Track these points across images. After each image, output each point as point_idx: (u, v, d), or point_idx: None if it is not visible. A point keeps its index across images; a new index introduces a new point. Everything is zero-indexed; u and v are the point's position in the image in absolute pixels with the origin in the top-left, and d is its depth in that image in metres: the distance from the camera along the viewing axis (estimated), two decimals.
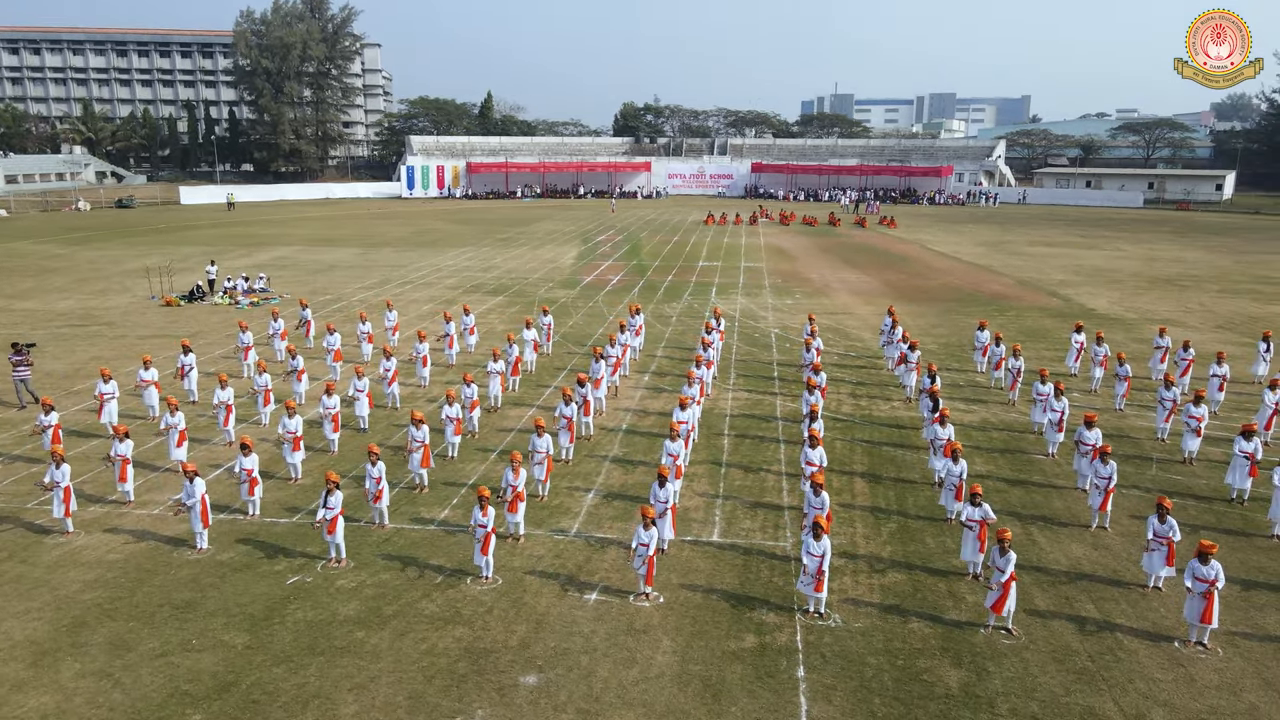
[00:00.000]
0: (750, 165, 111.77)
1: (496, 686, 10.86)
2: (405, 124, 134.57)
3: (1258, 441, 16.13)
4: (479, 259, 50.17)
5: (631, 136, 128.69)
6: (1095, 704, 10.50)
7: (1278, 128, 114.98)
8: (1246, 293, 40.13)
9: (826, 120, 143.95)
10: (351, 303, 36.17)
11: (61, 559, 14.04)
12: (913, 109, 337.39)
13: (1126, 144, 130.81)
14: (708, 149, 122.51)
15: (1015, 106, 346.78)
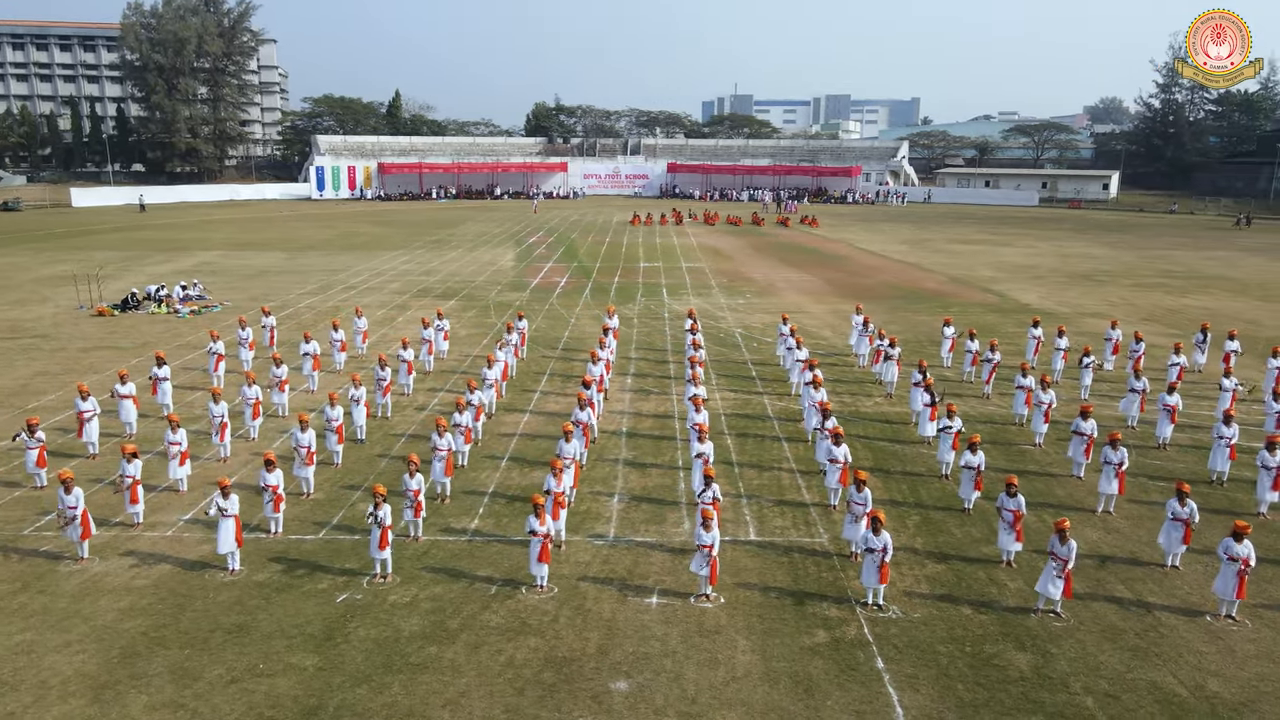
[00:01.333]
0: (666, 165, 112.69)
1: (590, 694, 10.88)
2: (309, 123, 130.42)
3: (1236, 427, 17.36)
4: (416, 262, 49.23)
5: (544, 137, 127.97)
6: (1156, 678, 11.21)
7: (1153, 131, 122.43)
8: (1157, 286, 42.81)
9: (736, 121, 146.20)
10: (299, 309, 35.07)
11: (85, 587, 13.32)
12: (810, 110, 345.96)
13: (1018, 145, 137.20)
14: (621, 149, 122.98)
15: (906, 108, 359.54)
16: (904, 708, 10.60)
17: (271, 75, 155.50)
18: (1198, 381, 24.54)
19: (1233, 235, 69.47)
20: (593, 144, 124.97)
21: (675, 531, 15.43)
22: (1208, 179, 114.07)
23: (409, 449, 19.38)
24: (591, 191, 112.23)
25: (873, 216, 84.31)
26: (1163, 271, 48.10)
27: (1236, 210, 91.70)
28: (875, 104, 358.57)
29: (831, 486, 16.33)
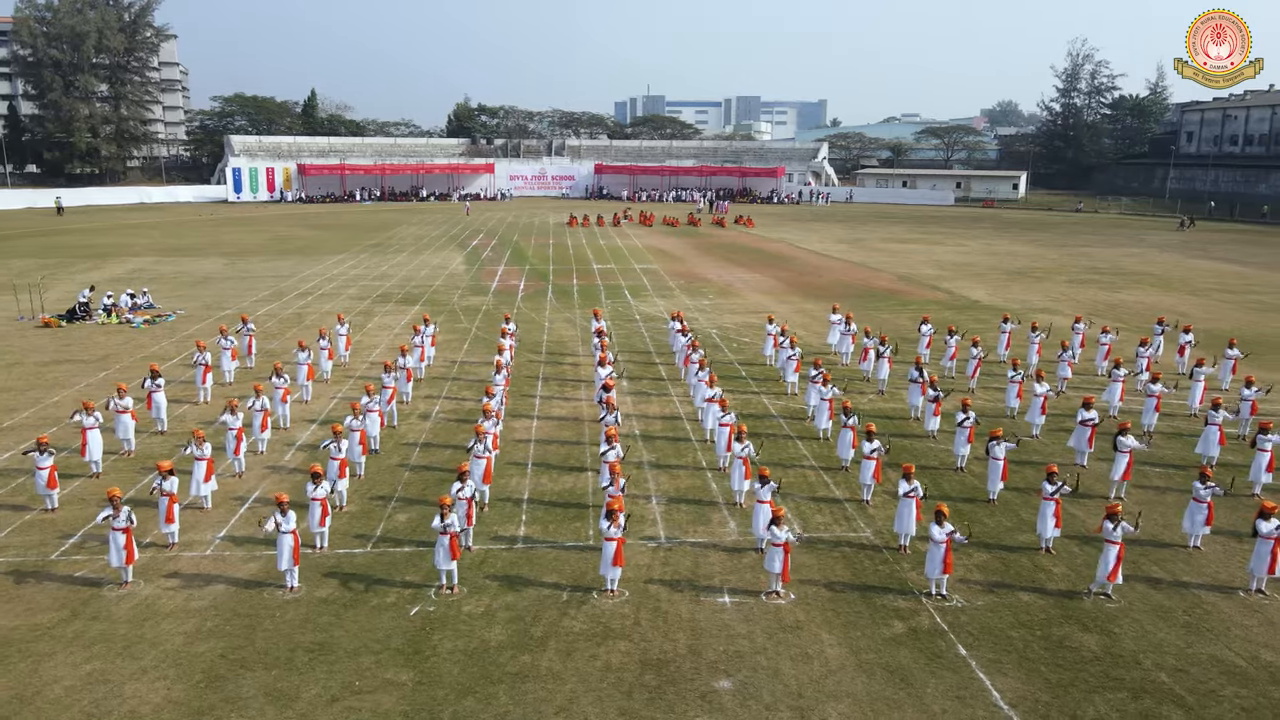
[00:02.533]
0: (593, 166, 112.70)
1: (697, 694, 11.07)
2: (220, 123, 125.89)
3: (1223, 413, 18.60)
4: (364, 267, 48.22)
5: (467, 138, 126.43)
6: (1215, 652, 12.02)
7: (1054, 134, 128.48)
8: (1090, 282, 45.11)
9: (659, 122, 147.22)
10: (259, 317, 34.00)
11: (140, 612, 12.81)
12: (721, 111, 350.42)
13: (929, 147, 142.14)
14: (545, 150, 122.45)
15: (814, 110, 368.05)
16: (999, 691, 11.11)
17: (173, 73, 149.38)
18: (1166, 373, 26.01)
19: (1141, 232, 73.48)
20: (516, 145, 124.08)
21: (723, 531, 15.70)
22: (1105, 179, 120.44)
23: (426, 457, 19.21)
24: (518, 193, 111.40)
25: (802, 216, 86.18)
26: (1089, 268, 50.65)
27: (1135, 209, 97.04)
28: (784, 105, 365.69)
29: (865, 482, 16.84)
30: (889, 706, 10.81)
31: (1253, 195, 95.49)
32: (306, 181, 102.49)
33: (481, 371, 26.24)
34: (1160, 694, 11.05)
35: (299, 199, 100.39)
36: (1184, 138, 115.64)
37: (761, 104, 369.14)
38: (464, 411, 22.38)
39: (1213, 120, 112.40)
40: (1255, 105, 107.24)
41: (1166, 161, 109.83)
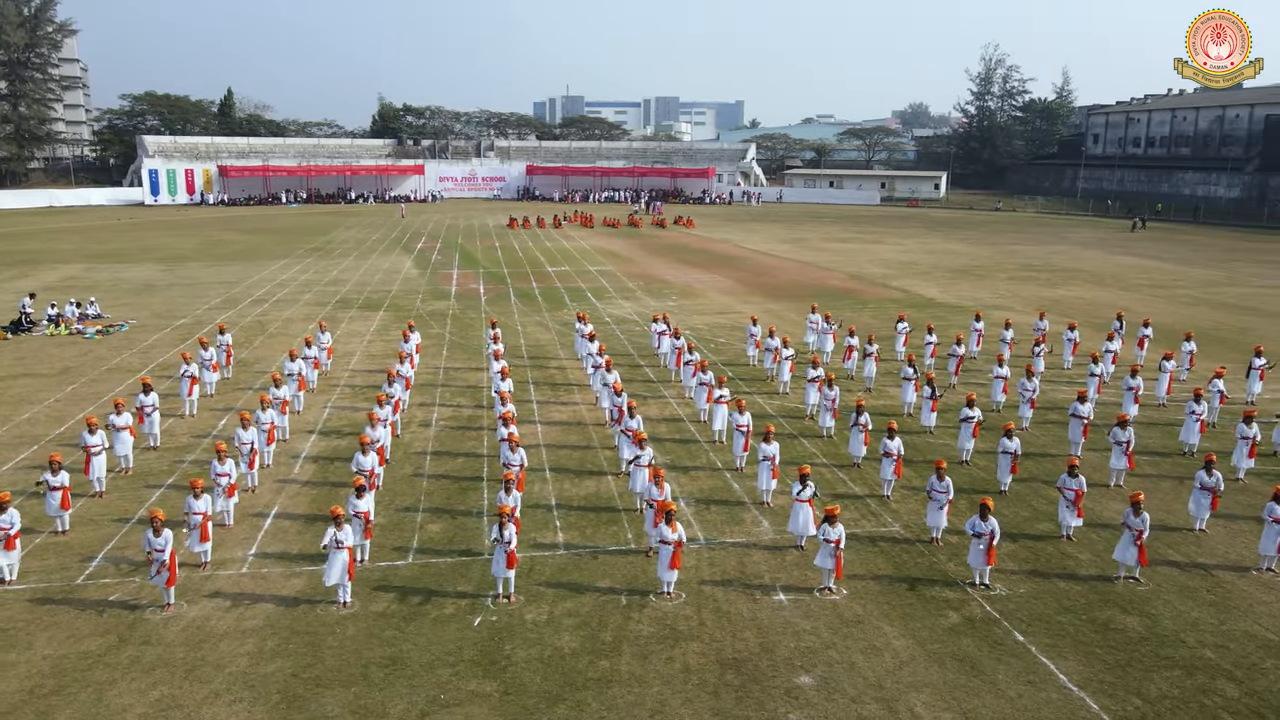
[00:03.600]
0: (525, 168, 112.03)
1: (782, 691, 11.31)
2: (130, 123, 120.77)
3: (1205, 404, 19.75)
4: (313, 272, 47.05)
5: (393, 138, 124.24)
6: (1246, 628, 12.83)
7: (970, 135, 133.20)
8: (1029, 279, 47.01)
9: (587, 123, 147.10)
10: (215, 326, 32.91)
11: (192, 634, 12.41)
12: (640, 111, 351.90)
13: (851, 147, 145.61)
14: (474, 151, 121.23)
15: (732, 110, 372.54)
16: (1064, 674, 11.66)
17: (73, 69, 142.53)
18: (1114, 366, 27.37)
19: (1062, 230, 76.77)
20: (445, 146, 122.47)
21: (759, 530, 15.99)
22: (1019, 179, 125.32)
23: (439, 466, 18.99)
24: (449, 194, 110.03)
25: (738, 217, 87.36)
26: (1024, 265, 52.75)
27: (1050, 207, 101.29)
28: (703, 106, 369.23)
29: (886, 478, 17.34)
30: (967, 694, 11.24)
31: (1156, 195, 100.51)
32: (228, 183, 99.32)
33: (470, 377, 26.02)
34: (1210, 670, 11.76)
35: (221, 201, 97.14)
36: (1090, 140, 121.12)
37: (680, 104, 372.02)
38: (464, 419, 22.18)
39: (1117, 123, 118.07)
40: (1156, 109, 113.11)
41: (1075, 162, 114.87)
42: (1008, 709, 10.93)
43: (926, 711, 10.87)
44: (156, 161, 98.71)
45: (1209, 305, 39.23)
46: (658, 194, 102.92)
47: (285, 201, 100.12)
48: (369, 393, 24.27)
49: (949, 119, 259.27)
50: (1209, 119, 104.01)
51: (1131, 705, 11.01)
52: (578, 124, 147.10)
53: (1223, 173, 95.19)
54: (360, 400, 23.61)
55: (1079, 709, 10.94)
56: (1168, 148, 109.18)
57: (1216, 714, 10.87)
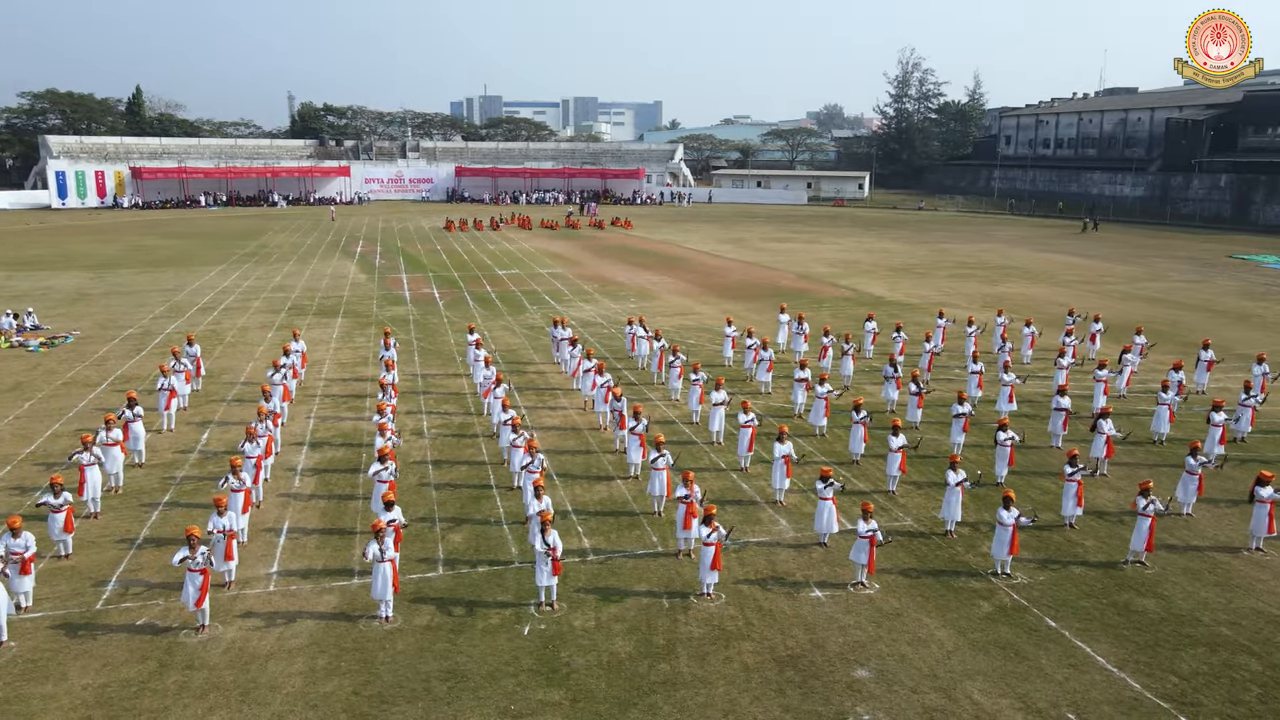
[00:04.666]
0: (454, 169, 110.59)
1: (844, 684, 11.62)
2: (29, 122, 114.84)
3: (1173, 394, 20.90)
4: (256, 278, 45.67)
5: (314, 138, 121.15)
6: (1252, 605, 13.69)
7: (889, 137, 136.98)
8: (968, 276, 48.69)
9: (513, 124, 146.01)
10: (169, 336, 31.76)
11: (235, 656, 12.07)
12: (559, 111, 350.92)
13: (775, 148, 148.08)
14: (399, 152, 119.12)
15: (651, 111, 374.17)
16: (1102, 657, 12.27)
17: None
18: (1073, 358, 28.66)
19: (986, 228, 79.61)
20: (369, 146, 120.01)
21: (779, 529, 16.31)
22: (936, 179, 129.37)
23: (444, 475, 18.80)
24: (375, 197, 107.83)
25: (673, 217, 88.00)
26: (959, 263, 54.58)
27: (969, 206, 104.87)
28: (622, 106, 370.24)
29: (892, 474, 17.87)
30: (1018, 679, 11.73)
31: (1066, 194, 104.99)
32: (142, 186, 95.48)
33: (450, 384, 25.74)
34: (1230, 646, 12.53)
35: (135, 205, 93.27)
36: (1003, 141, 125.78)
37: (599, 105, 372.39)
38: (455, 426, 21.95)
39: (1027, 125, 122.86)
40: (1064, 112, 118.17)
41: (990, 163, 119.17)
42: (1058, 692, 11.46)
43: (984, 698, 11.32)
44: (62, 163, 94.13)
45: (1139, 300, 41.28)
46: (589, 195, 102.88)
47: (205, 204, 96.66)
48: (351, 402, 23.87)
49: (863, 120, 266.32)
50: (1113, 121, 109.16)
51: (1170, 683, 11.66)
52: (504, 124, 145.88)
53: (1128, 173, 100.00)
54: (343, 410, 23.14)
55: (1123, 689, 11.54)
56: (1075, 149, 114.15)
57: (1246, 686, 11.60)
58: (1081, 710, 11.08)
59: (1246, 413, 21.08)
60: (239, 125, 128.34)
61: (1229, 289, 44.98)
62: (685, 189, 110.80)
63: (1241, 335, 33.07)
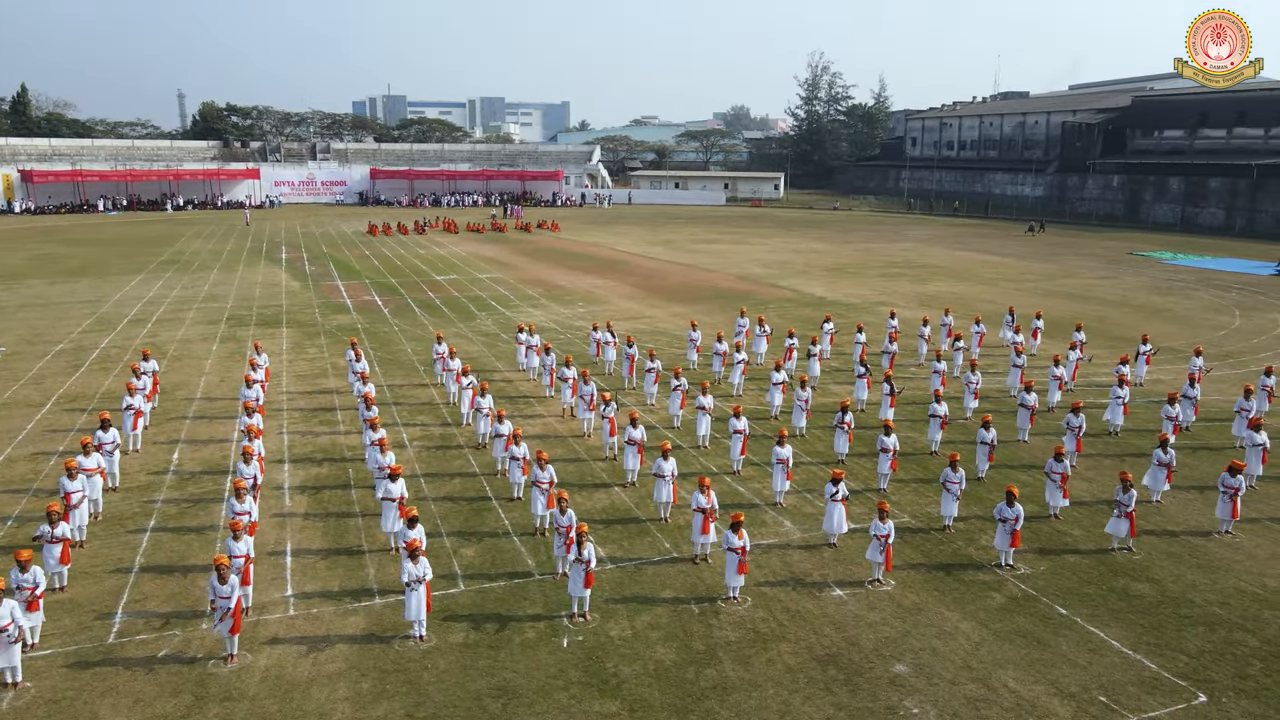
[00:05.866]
0: (368, 171, 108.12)
1: (886, 680, 12.04)
2: None
3: (1128, 389, 22.16)
4: (183, 287, 43.86)
5: (217, 139, 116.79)
6: (1234, 584, 14.70)
7: (802, 138, 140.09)
8: (898, 275, 50.32)
9: (426, 125, 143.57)
10: (106, 349, 30.35)
11: (273, 684, 11.74)
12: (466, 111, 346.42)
13: (690, 149, 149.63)
14: (309, 154, 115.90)
15: (559, 111, 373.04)
16: (1116, 639, 13.02)
17: None
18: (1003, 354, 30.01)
19: (900, 227, 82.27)
20: (276, 148, 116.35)
21: (784, 531, 16.68)
22: (847, 179, 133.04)
23: (438, 488, 18.59)
24: (286, 199, 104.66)
25: (597, 219, 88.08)
26: (887, 262, 56.32)
27: (881, 206, 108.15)
28: (529, 106, 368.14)
29: (883, 472, 18.47)
30: (1046, 665, 12.36)
31: (971, 194, 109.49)
32: (33, 190, 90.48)
33: (420, 394, 25.34)
34: (1225, 624, 13.45)
35: (27, 209, 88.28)
36: (910, 143, 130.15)
37: (506, 105, 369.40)
38: (436, 437, 21.67)
39: (932, 128, 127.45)
40: (966, 115, 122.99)
41: (898, 164, 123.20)
42: (1085, 675, 12.12)
43: (1020, 686, 11.89)
44: None
45: (1061, 296, 43.40)
46: (510, 197, 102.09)
47: (103, 209, 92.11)
48: (321, 415, 23.30)
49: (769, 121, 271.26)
50: (1012, 124, 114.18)
51: (1181, 661, 12.47)
52: (415, 125, 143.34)
53: (1027, 174, 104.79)
54: (316, 424, 22.56)
55: (1142, 670, 12.28)
56: (978, 150, 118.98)
57: (1248, 661, 12.49)
58: (1110, 692, 11.76)
59: (1190, 404, 22.50)
60: (135, 125, 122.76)
61: (1139, 284, 47.69)
62: (605, 190, 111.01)
63: (1161, 329, 35.11)
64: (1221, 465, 18.71)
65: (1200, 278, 50.59)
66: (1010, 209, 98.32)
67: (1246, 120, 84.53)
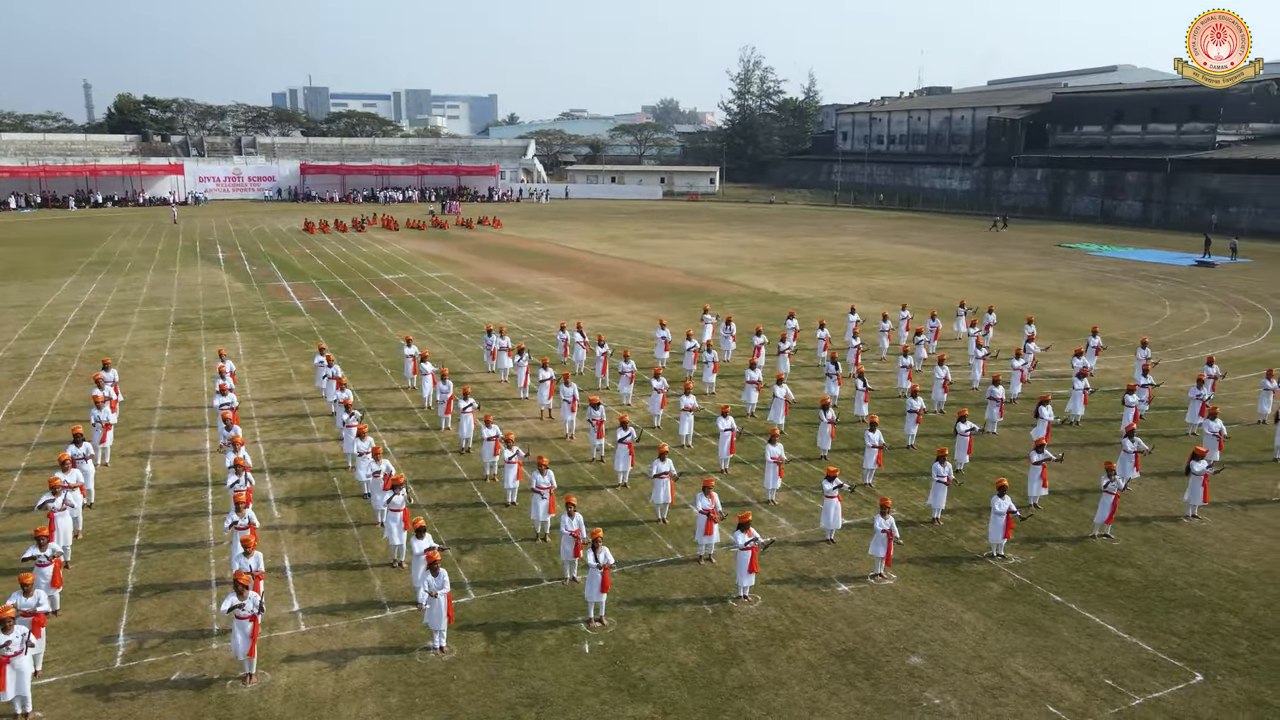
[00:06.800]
0: (298, 166, 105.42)
1: (904, 672, 12.42)
2: None
3: (1088, 380, 23.12)
4: (119, 290, 42.28)
5: (136, 133, 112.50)
6: (1209, 567, 15.52)
7: (735, 132, 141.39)
8: (845, 269, 51.30)
9: (355, 118, 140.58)
10: (50, 359, 29.15)
11: (299, 702, 11.56)
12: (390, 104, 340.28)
13: (624, 143, 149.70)
14: (234, 148, 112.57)
15: (486, 104, 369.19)
16: (1110, 624, 13.65)
17: None
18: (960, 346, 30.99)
19: (838, 220, 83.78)
20: (199, 142, 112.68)
21: (779, 529, 16.98)
22: (780, 173, 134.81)
23: (429, 495, 18.42)
24: (212, 196, 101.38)
25: (537, 215, 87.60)
26: (831, 257, 57.35)
27: (815, 200, 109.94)
28: (456, 99, 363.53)
29: (869, 467, 18.94)
30: (1050, 652, 12.91)
31: (901, 187, 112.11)
32: None
33: (392, 398, 25.00)
34: (1209, 606, 14.21)
35: None
36: (840, 137, 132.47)
37: (433, 98, 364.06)
38: (417, 443, 21.44)
39: (862, 122, 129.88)
40: (895, 110, 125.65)
41: (830, 158, 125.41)
42: (1089, 659, 12.70)
43: (1030, 673, 12.40)
44: None
45: (1003, 289, 44.83)
46: (447, 193, 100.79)
47: (15, 206, 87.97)
48: (295, 423, 22.85)
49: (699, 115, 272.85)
50: (939, 119, 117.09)
51: (1174, 643, 13.15)
52: (344, 119, 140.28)
53: (955, 167, 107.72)
54: (290, 432, 22.10)
55: (1139, 652, 12.91)
56: (906, 145, 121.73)
57: (1235, 640, 13.23)
58: (1114, 675, 12.35)
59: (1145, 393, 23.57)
60: (45, 118, 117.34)
61: (1072, 276, 49.54)
62: (542, 186, 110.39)
63: (1099, 320, 36.44)
64: (1176, 452, 19.81)
65: (1126, 269, 52.77)
66: (940, 202, 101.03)
67: (1160, 116, 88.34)
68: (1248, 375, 27.66)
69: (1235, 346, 32.19)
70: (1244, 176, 76.22)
